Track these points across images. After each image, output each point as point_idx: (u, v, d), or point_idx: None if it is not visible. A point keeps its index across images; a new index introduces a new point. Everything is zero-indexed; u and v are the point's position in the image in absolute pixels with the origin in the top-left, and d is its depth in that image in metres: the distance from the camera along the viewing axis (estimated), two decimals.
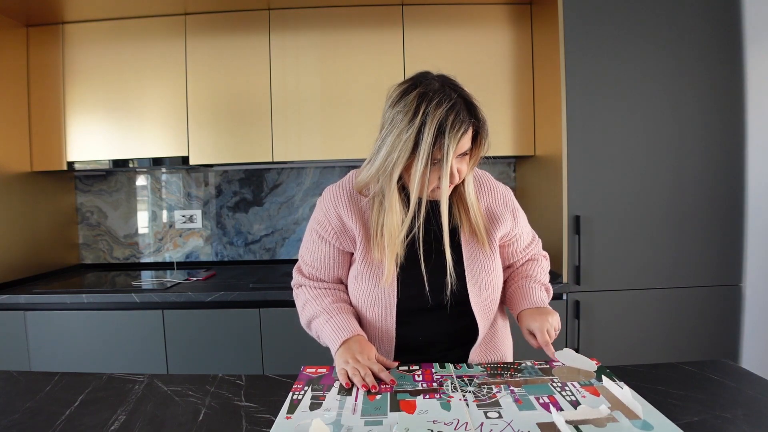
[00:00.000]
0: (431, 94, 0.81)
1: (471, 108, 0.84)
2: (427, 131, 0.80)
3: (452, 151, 0.81)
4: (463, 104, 0.82)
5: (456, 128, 0.80)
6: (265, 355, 1.73)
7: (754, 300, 1.70)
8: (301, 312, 1.01)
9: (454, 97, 0.82)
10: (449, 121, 0.80)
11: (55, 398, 0.82)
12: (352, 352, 0.87)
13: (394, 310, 0.94)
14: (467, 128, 0.82)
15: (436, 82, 0.84)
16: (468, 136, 0.84)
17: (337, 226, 0.96)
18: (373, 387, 0.79)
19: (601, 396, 0.75)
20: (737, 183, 1.70)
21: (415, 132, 0.81)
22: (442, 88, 0.83)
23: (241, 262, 2.31)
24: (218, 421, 0.72)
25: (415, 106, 0.81)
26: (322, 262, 0.99)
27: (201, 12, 1.94)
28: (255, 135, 1.95)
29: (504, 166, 2.25)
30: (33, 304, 1.74)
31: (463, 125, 0.81)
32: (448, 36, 1.93)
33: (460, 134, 0.81)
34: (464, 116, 0.82)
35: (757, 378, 0.83)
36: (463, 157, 0.87)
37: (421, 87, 0.83)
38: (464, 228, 0.95)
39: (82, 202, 2.32)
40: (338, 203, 0.96)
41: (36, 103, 2.00)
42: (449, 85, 0.84)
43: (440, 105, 0.80)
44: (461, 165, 0.87)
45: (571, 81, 1.67)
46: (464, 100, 0.83)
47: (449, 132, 0.80)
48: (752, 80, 1.67)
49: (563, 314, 1.71)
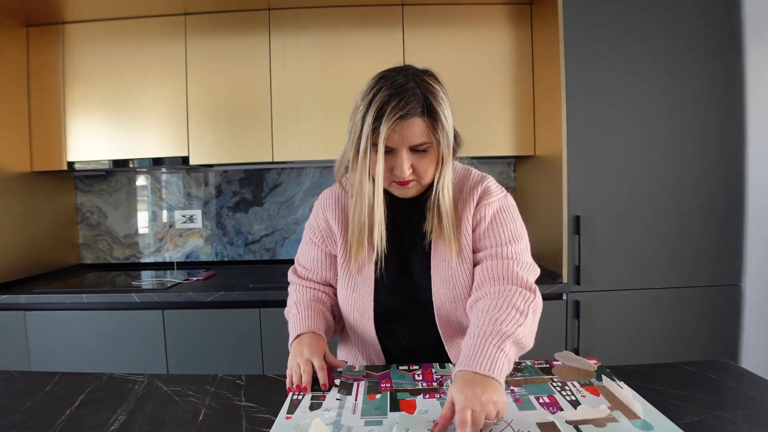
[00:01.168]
0: (386, 81, 0.81)
1: (427, 102, 0.80)
2: (369, 114, 0.79)
3: (383, 135, 0.78)
4: (415, 95, 0.79)
5: (393, 114, 0.77)
6: (265, 355, 1.73)
7: (754, 300, 1.70)
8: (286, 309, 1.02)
9: (409, 86, 0.80)
10: (390, 106, 0.78)
11: (55, 398, 0.82)
12: (301, 345, 0.86)
13: (372, 314, 0.94)
14: (406, 117, 0.78)
15: (403, 71, 0.83)
16: (415, 129, 0.80)
17: (324, 230, 0.98)
18: (297, 388, 0.79)
19: (601, 396, 0.75)
20: (737, 183, 1.70)
21: (361, 114, 0.81)
22: (404, 77, 0.81)
23: (241, 262, 2.31)
24: (218, 421, 0.72)
25: (368, 89, 0.82)
26: (313, 264, 1.00)
27: (201, 12, 1.94)
28: (255, 135, 1.95)
29: (504, 166, 2.25)
30: (33, 304, 1.74)
31: (401, 112, 0.77)
32: (448, 36, 1.93)
33: (393, 120, 0.77)
34: (409, 106, 0.78)
35: (757, 378, 0.83)
36: (421, 154, 0.83)
37: (383, 72, 0.84)
38: (435, 233, 0.90)
39: (82, 202, 2.32)
40: (326, 206, 0.98)
41: (36, 103, 2.00)
42: (414, 76, 0.82)
43: (387, 90, 0.79)
44: (418, 162, 0.83)
45: (571, 81, 1.67)
46: (422, 93, 0.80)
47: (386, 117, 0.78)
48: (752, 80, 1.67)
49: (563, 314, 1.71)
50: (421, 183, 0.87)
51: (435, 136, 0.82)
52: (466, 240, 0.91)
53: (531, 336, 0.79)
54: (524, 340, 0.76)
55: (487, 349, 0.71)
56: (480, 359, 0.70)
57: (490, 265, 0.87)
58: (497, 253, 0.88)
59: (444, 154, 0.84)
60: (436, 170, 0.86)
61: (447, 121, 0.83)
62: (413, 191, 0.88)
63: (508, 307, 0.78)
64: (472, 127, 1.93)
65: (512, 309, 0.78)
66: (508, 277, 0.84)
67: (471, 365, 0.69)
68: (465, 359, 0.71)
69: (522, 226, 0.94)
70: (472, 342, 0.73)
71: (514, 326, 0.75)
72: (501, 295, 0.81)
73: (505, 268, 0.86)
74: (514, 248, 0.89)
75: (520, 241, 0.90)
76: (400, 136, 0.80)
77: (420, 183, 0.87)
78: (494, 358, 0.70)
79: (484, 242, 0.90)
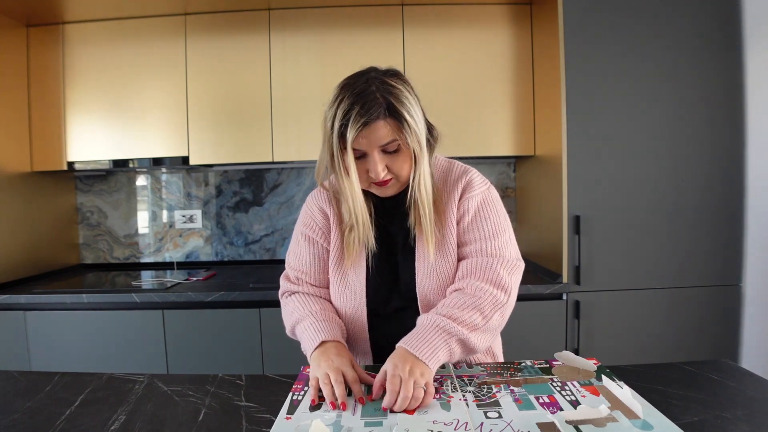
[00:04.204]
0: (347, 89, 0.82)
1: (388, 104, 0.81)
2: (336, 123, 0.81)
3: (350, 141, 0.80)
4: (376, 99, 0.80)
5: (357, 120, 0.79)
6: (265, 355, 1.73)
7: (754, 300, 1.70)
8: (287, 319, 0.97)
9: (370, 91, 0.81)
10: (353, 114, 0.79)
11: (55, 398, 0.82)
12: (328, 354, 0.82)
13: (365, 310, 0.95)
14: (369, 122, 0.80)
15: (365, 76, 0.84)
16: (380, 131, 0.81)
17: (323, 223, 0.99)
18: (342, 406, 0.72)
19: (600, 396, 0.75)
20: (737, 183, 1.70)
21: (329, 124, 0.83)
22: (365, 82, 0.82)
23: (241, 262, 2.31)
24: (218, 421, 0.72)
25: (332, 99, 0.84)
26: (311, 265, 0.99)
27: (201, 12, 1.94)
28: (255, 135, 1.95)
29: (504, 166, 2.25)
30: (33, 304, 1.74)
31: (363, 118, 0.79)
32: (448, 36, 1.93)
33: (358, 126, 0.79)
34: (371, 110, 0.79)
35: (757, 378, 0.83)
36: (393, 154, 0.84)
37: (345, 79, 0.85)
38: (417, 228, 0.92)
39: (82, 202, 2.32)
40: (320, 199, 1.00)
41: (36, 103, 2.00)
42: (375, 80, 0.83)
43: (349, 98, 0.81)
44: (392, 161, 0.85)
45: (571, 81, 1.67)
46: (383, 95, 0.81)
47: (350, 125, 0.80)
48: (752, 80, 1.67)
49: (563, 314, 1.71)
50: (400, 181, 0.88)
51: (402, 135, 0.82)
52: (451, 232, 0.93)
53: (484, 342, 0.85)
54: (475, 344, 0.83)
55: (435, 341, 0.79)
56: (424, 346, 0.78)
57: (475, 261, 0.90)
58: (482, 249, 0.91)
59: (416, 150, 0.85)
60: (411, 167, 0.87)
61: (413, 118, 0.83)
62: (392, 190, 0.90)
63: (474, 309, 0.84)
64: (472, 127, 1.93)
65: (476, 312, 0.84)
66: (490, 276, 0.88)
67: (413, 347, 0.78)
68: (412, 338, 0.80)
69: (505, 218, 0.95)
70: (426, 325, 0.82)
71: (469, 329, 0.82)
72: (474, 293, 0.86)
73: (487, 267, 0.89)
74: (498, 243, 0.91)
75: (503, 235, 0.92)
76: (368, 140, 0.82)
77: (398, 181, 0.88)
78: (436, 350, 0.78)
79: (469, 236, 0.93)
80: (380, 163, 0.84)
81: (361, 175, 0.86)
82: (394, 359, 0.77)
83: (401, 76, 0.87)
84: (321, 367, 0.80)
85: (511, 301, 0.88)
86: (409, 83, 0.87)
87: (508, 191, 2.25)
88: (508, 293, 0.87)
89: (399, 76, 0.86)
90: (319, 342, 0.86)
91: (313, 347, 0.86)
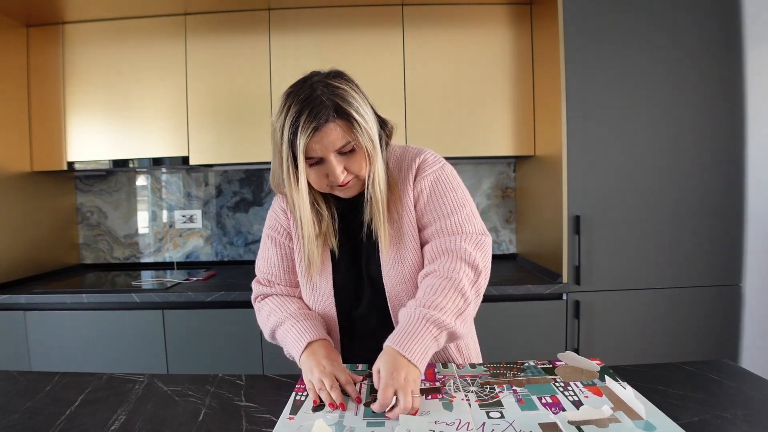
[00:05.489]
0: (293, 96, 0.81)
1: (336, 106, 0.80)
2: (285, 133, 0.80)
3: (302, 149, 0.79)
4: (323, 103, 0.79)
5: (307, 127, 0.78)
6: (265, 355, 1.73)
7: (754, 300, 1.70)
8: (264, 323, 0.96)
9: (315, 95, 0.79)
10: (302, 121, 0.78)
11: (55, 398, 0.82)
12: (317, 357, 0.82)
13: (334, 311, 0.94)
14: (319, 127, 0.79)
15: (308, 81, 0.83)
16: (332, 134, 0.80)
17: (287, 224, 0.99)
18: (341, 406, 0.73)
19: (603, 396, 0.75)
20: (737, 183, 1.70)
21: (279, 135, 0.82)
22: (309, 87, 0.81)
23: (241, 262, 2.31)
24: (218, 421, 0.72)
25: (279, 109, 0.83)
26: (279, 267, 0.98)
27: (201, 12, 1.94)
28: (255, 135, 1.95)
29: (504, 166, 2.25)
30: (33, 304, 1.73)
31: (313, 123, 0.78)
32: (448, 36, 1.93)
33: (308, 133, 0.78)
34: (319, 115, 0.78)
35: (757, 378, 0.83)
36: (349, 155, 0.83)
37: (290, 88, 0.84)
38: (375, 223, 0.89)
39: (82, 202, 2.32)
40: (284, 201, 0.99)
41: (36, 103, 2.00)
42: (320, 83, 0.81)
43: (296, 105, 0.79)
44: (349, 162, 0.83)
45: (571, 81, 1.67)
46: (330, 98, 0.80)
47: (300, 132, 0.78)
48: (752, 80, 1.67)
49: (563, 314, 1.71)
50: (360, 179, 0.87)
51: (353, 135, 0.82)
52: (410, 218, 0.91)
53: (467, 326, 0.84)
54: (460, 332, 0.81)
55: (424, 337, 0.77)
56: (413, 345, 0.76)
57: (439, 243, 0.88)
58: (443, 227, 0.88)
59: (369, 148, 0.84)
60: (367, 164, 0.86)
61: (363, 117, 0.82)
62: (354, 190, 0.89)
63: (454, 291, 0.81)
64: (473, 127, 1.93)
65: (457, 294, 0.81)
66: (458, 254, 0.85)
67: (403, 347, 0.75)
68: (400, 337, 0.77)
69: (464, 193, 0.92)
70: (412, 319, 0.78)
71: (454, 316, 0.80)
72: (449, 275, 0.82)
73: (453, 245, 0.86)
74: (458, 218, 0.89)
75: (462, 210, 0.90)
76: (321, 145, 0.80)
77: (359, 180, 0.87)
78: (426, 348, 0.77)
79: (428, 217, 0.90)
80: (338, 166, 0.83)
81: (321, 180, 0.85)
82: (387, 365, 0.74)
83: (345, 76, 0.86)
84: (314, 374, 0.80)
85: (483, 278, 0.85)
86: (354, 82, 0.86)
87: (508, 191, 2.25)
88: (478, 269, 0.84)
89: (342, 76, 0.85)
90: (305, 344, 0.86)
91: (300, 350, 0.86)
